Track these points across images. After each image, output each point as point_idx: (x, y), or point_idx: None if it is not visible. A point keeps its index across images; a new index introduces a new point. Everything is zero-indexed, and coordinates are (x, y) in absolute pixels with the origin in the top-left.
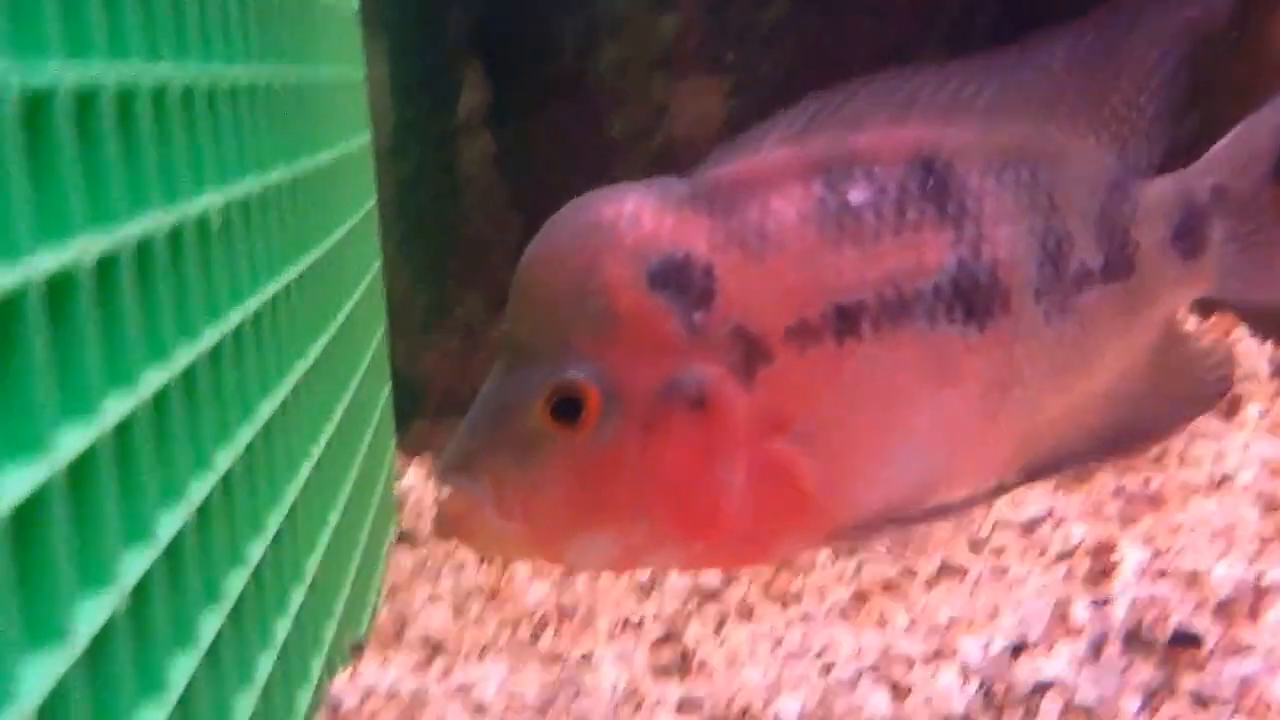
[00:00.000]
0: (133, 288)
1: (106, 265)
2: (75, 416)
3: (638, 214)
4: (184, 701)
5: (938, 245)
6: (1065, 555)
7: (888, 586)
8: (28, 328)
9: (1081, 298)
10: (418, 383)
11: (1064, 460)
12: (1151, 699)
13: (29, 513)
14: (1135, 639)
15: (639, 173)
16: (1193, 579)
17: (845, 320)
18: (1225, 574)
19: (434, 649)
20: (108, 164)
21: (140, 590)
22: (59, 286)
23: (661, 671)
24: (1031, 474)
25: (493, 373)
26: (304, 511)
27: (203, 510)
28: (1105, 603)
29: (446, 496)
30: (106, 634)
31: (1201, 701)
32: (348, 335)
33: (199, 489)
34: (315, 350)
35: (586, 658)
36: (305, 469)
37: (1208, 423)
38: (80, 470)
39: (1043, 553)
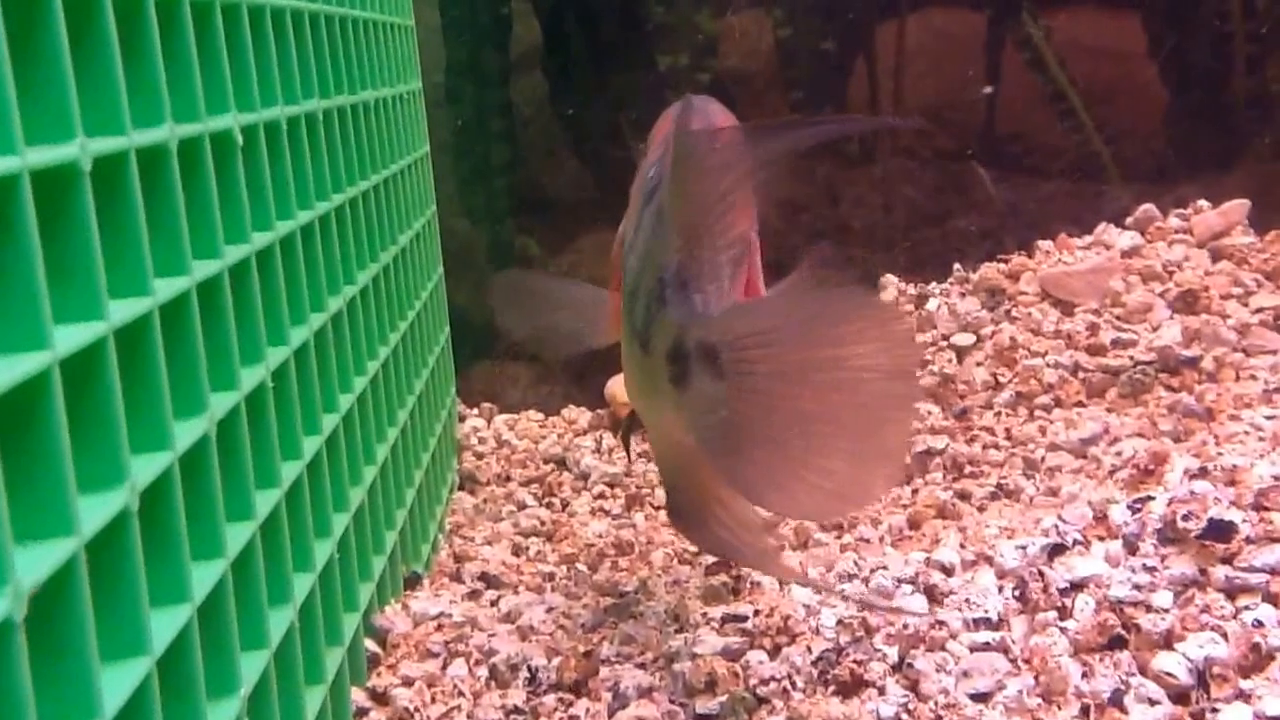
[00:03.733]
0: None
1: None
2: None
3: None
4: (208, 609)
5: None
6: (1116, 469)
7: (942, 512)
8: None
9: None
10: (481, 327)
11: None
12: (1184, 591)
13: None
14: (1170, 534)
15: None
16: (1231, 477)
17: None
18: (1265, 471)
19: (490, 583)
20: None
21: (161, 498)
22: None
23: (713, 597)
24: None
25: None
26: (348, 442)
27: (227, 427)
28: (1144, 503)
29: None
30: (120, 534)
31: (1231, 593)
32: (398, 276)
33: (223, 404)
34: (357, 286)
35: (640, 586)
36: (347, 401)
37: (1267, 336)
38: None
39: (1096, 469)
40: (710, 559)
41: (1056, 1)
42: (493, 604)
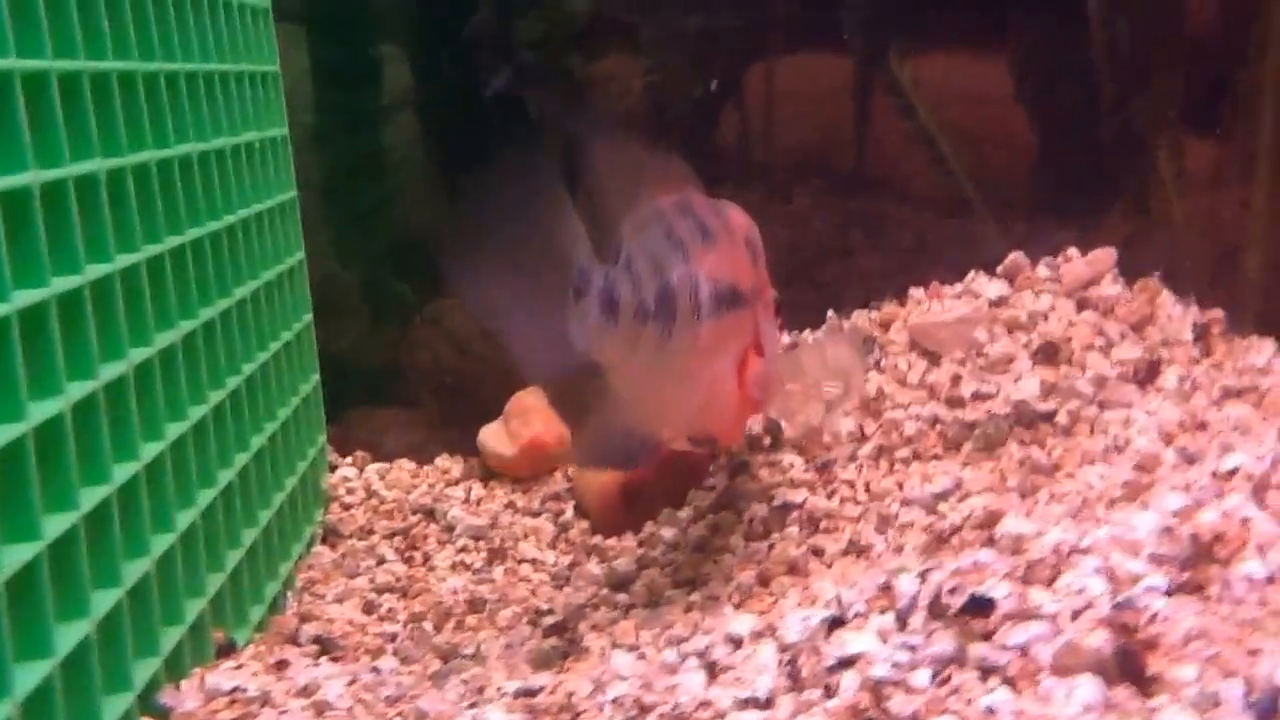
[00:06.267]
0: None
1: None
2: None
3: None
4: None
5: None
6: (956, 530)
7: (792, 568)
8: None
9: None
10: (361, 373)
11: None
12: (942, 670)
13: None
14: (939, 608)
15: (559, 152)
16: (1017, 545)
17: None
18: (1051, 539)
19: (324, 646)
20: None
21: None
22: None
23: (543, 662)
24: None
25: None
26: (128, 511)
27: None
28: (929, 572)
29: None
30: None
31: (986, 672)
32: (230, 331)
33: None
34: (153, 348)
35: (476, 650)
36: (126, 471)
37: (1124, 390)
38: None
39: (943, 525)
40: (549, 621)
41: (924, 46)
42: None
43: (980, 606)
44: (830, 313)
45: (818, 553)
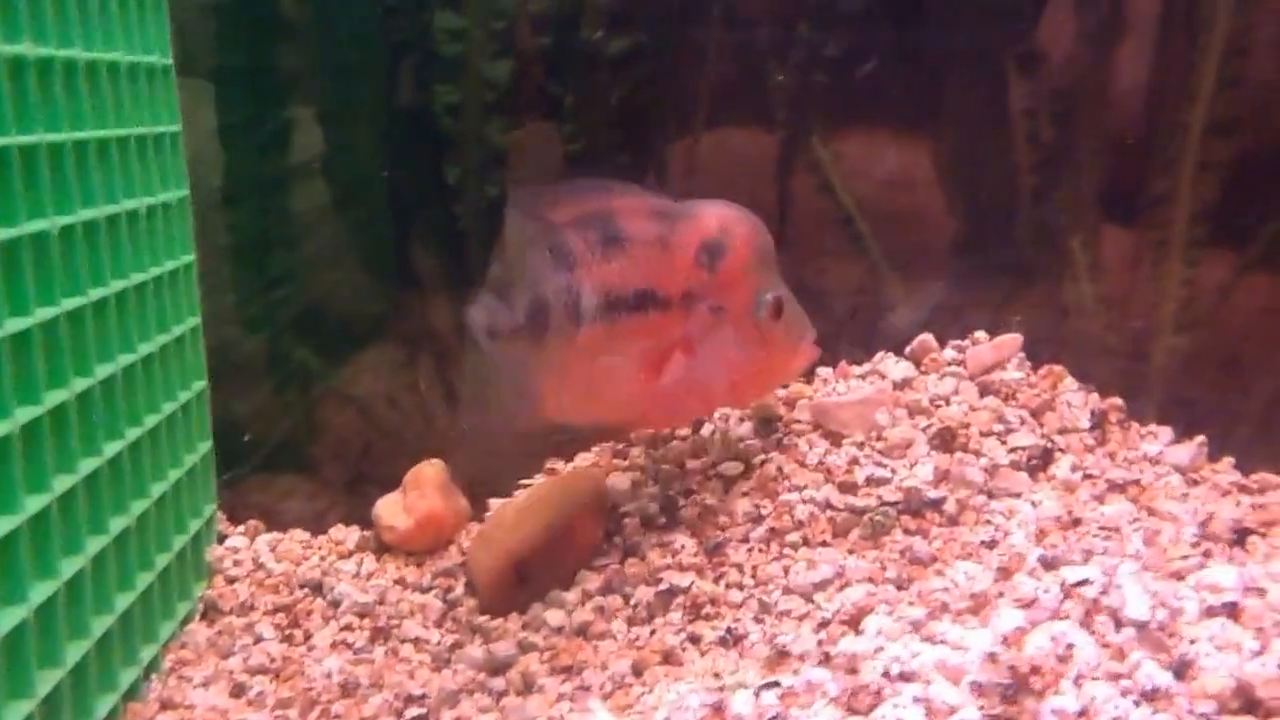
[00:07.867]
0: None
1: None
2: None
3: None
4: None
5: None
6: (824, 624)
7: (668, 656)
8: None
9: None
10: (257, 438)
11: None
12: None
13: None
14: None
15: (477, 218)
16: (852, 664)
17: None
18: (886, 658)
19: None
20: None
21: None
22: None
23: None
24: None
25: None
26: None
27: None
28: (763, 690)
29: None
30: None
31: None
32: (133, 389)
33: None
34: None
35: None
36: None
37: (1014, 478)
38: None
39: (817, 616)
40: (413, 712)
41: (847, 127)
42: None
43: None
44: None
45: (696, 640)
